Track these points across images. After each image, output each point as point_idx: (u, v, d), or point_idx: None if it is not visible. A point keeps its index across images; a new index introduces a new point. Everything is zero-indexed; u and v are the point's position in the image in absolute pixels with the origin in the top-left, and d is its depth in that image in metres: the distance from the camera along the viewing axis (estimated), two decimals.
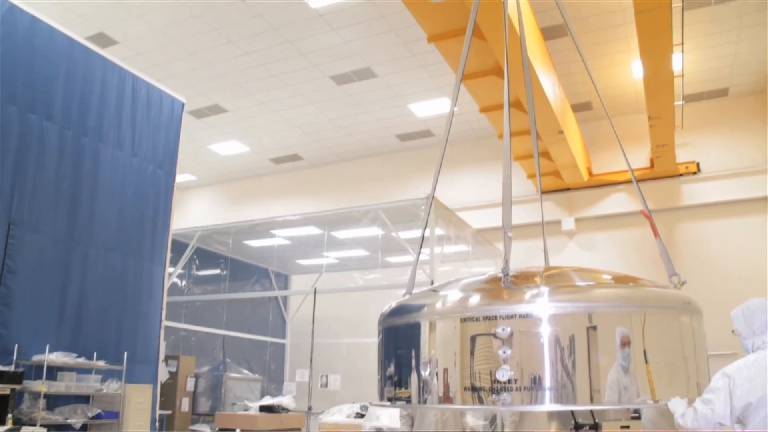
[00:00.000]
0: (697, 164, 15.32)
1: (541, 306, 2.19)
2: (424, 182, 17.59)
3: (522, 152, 14.69)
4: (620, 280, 2.58)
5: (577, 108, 15.36)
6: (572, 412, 7.43)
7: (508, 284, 2.31)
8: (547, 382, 2.17)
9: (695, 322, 2.51)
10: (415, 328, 2.49)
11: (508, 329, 2.18)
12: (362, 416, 10.61)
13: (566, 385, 2.19)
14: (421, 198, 12.61)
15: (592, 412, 7.35)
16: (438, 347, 2.39)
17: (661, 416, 5.91)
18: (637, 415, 7.50)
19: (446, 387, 2.32)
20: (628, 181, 15.41)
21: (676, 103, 12.41)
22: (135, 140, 10.54)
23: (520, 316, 2.20)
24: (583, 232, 16.39)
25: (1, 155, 8.40)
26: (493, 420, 10.18)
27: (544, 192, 16.31)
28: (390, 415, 9.60)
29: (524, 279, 2.49)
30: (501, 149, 2.93)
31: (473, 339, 2.25)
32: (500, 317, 2.21)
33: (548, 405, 2.18)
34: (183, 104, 11.71)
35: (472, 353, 2.25)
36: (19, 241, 8.51)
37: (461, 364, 2.28)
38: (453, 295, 2.50)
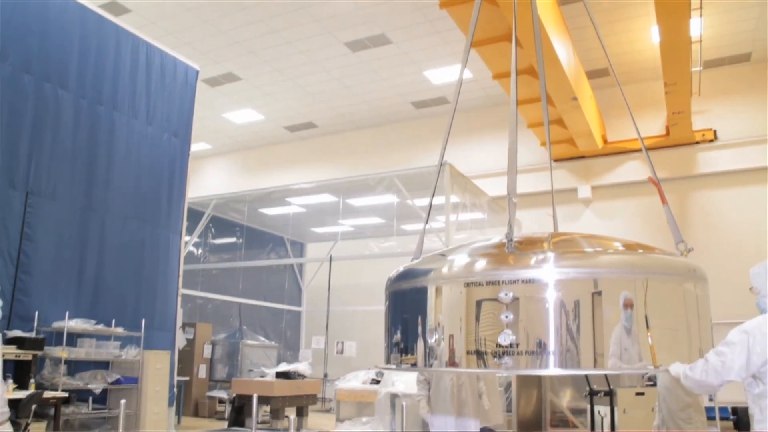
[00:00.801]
0: (714, 132, 15.09)
1: (544, 271, 2.21)
2: (439, 150, 17.26)
3: (535, 119, 14.55)
4: (627, 246, 2.58)
5: (593, 74, 15.15)
6: (587, 378, 7.49)
7: (511, 249, 2.32)
8: (551, 346, 2.19)
9: (700, 289, 2.51)
10: (421, 292, 2.52)
11: (511, 294, 2.20)
12: (378, 382, 10.73)
13: (570, 350, 2.21)
14: (436, 165, 12.58)
15: (607, 378, 7.39)
16: (443, 311, 2.42)
17: (676, 384, 5.92)
18: (652, 383, 7.53)
19: (451, 351, 2.35)
20: None
21: (693, 69, 12.21)
22: (150, 108, 10.56)
23: (522, 281, 2.22)
24: (600, 200, 16.29)
25: (18, 124, 8.47)
26: (508, 386, 10.28)
27: (558, 160, 16.21)
28: (405, 381, 9.72)
29: (531, 244, 2.50)
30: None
31: (477, 304, 2.28)
32: (503, 282, 2.23)
33: (552, 369, 2.20)
34: (197, 72, 11.70)
35: (476, 318, 2.27)
36: (37, 210, 8.62)
37: (466, 329, 2.31)
38: (459, 260, 2.52)
